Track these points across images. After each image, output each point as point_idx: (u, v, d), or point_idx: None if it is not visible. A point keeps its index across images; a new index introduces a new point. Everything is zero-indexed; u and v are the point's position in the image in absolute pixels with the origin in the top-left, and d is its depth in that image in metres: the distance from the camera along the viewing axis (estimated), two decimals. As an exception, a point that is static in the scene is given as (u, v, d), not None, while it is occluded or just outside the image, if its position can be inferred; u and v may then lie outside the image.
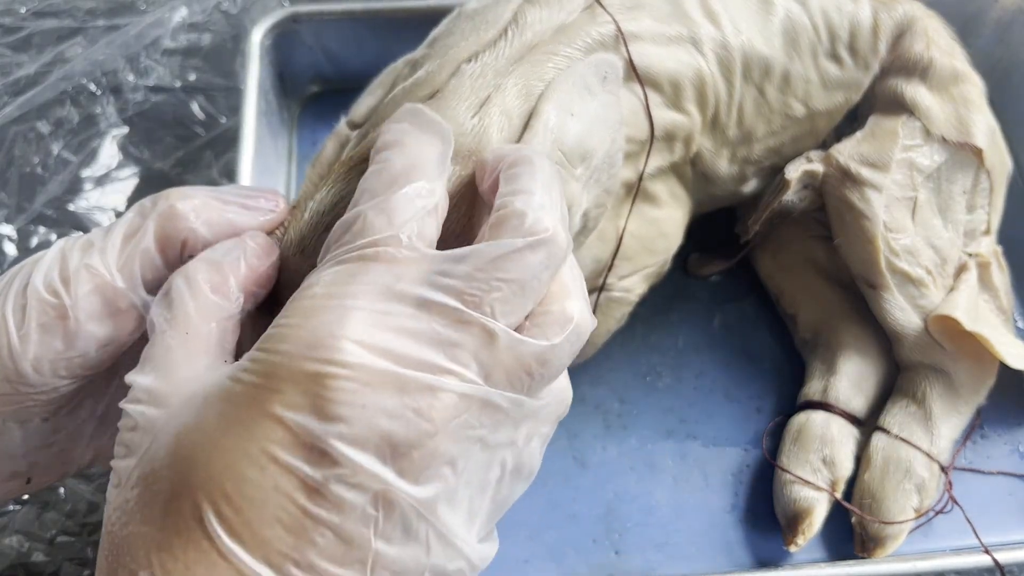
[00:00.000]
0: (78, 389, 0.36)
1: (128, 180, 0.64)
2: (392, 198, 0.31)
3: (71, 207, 0.63)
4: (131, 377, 0.31)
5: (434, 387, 0.27)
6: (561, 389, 0.32)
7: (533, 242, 0.30)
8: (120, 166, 0.65)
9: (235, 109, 0.66)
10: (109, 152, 0.65)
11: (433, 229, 0.32)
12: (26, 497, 0.51)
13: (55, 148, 0.65)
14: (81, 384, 0.36)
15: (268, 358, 0.28)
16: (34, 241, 0.61)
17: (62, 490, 0.51)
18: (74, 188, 0.63)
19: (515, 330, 0.29)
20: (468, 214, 0.38)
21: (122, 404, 0.31)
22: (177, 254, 0.35)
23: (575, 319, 0.31)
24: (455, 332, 0.28)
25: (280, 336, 0.28)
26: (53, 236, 0.61)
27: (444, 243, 0.37)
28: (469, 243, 0.37)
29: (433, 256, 0.30)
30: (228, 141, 0.65)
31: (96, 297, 0.34)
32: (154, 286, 0.35)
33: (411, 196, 0.31)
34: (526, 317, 0.30)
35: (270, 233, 0.37)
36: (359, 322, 0.28)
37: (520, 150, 0.34)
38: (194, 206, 0.35)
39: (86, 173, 0.64)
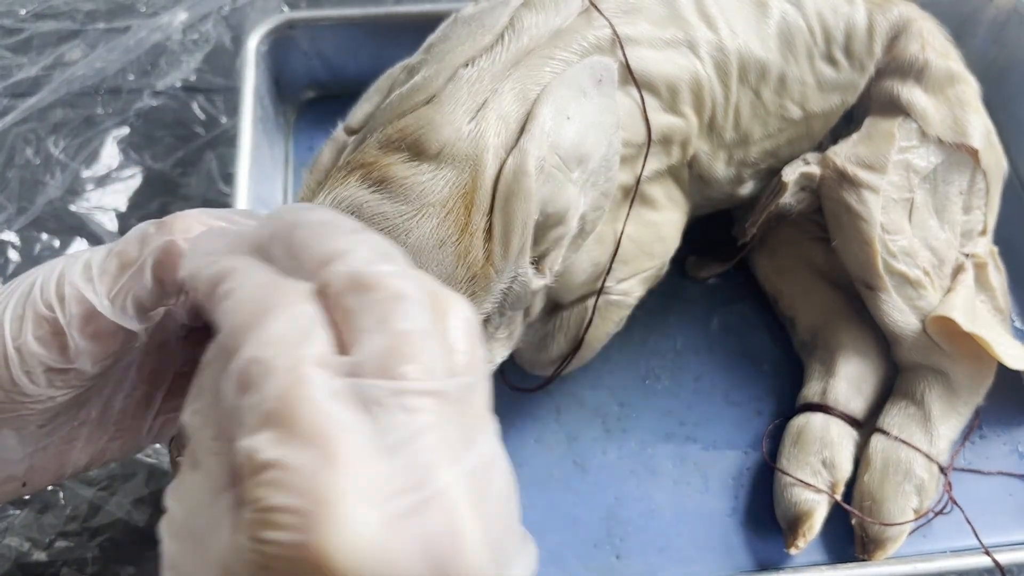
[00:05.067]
0: (75, 396, 0.37)
1: (129, 180, 0.64)
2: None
3: (72, 208, 0.63)
4: (166, 502, 0.29)
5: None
6: None
7: None
8: (121, 167, 0.65)
9: (235, 109, 0.66)
10: (110, 153, 0.65)
11: None
12: (26, 497, 0.51)
13: (55, 149, 0.65)
14: (78, 392, 0.36)
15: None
16: (37, 248, 0.61)
17: (61, 493, 0.51)
18: (75, 189, 0.63)
19: None
20: (465, 218, 0.38)
21: (161, 533, 0.28)
22: (176, 287, 0.35)
23: None
24: None
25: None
26: (56, 243, 0.61)
27: (441, 249, 0.37)
28: (465, 247, 0.37)
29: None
30: (228, 140, 0.65)
31: (87, 322, 0.34)
32: (152, 308, 0.36)
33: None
34: None
35: None
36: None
37: None
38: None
39: (87, 174, 0.64)
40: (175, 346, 0.42)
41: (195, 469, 0.27)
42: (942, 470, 0.50)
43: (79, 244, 0.61)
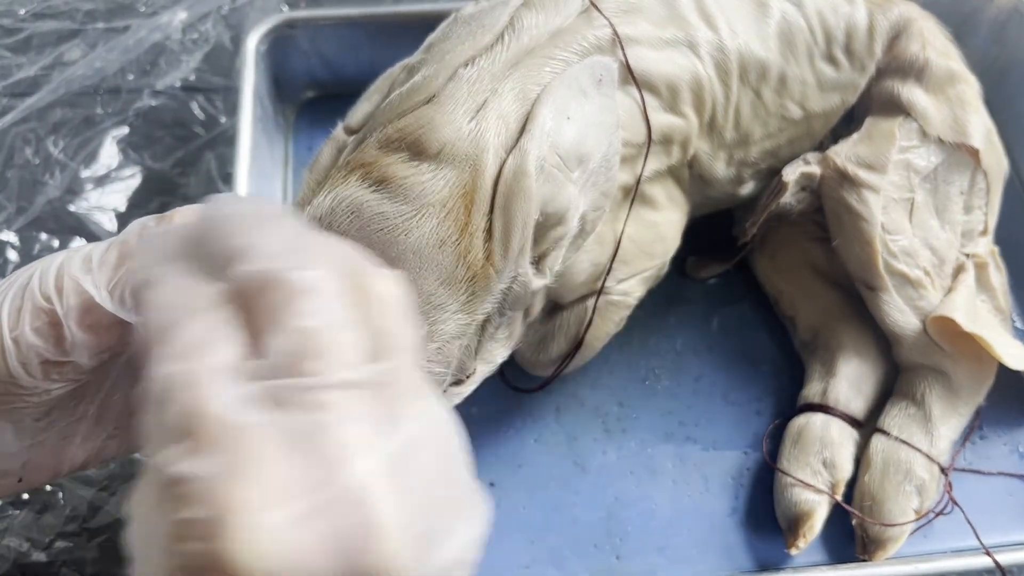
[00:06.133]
0: (72, 391, 0.36)
1: (128, 180, 0.64)
2: None
3: (71, 208, 0.63)
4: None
5: None
6: None
7: None
8: (120, 167, 0.65)
9: (234, 109, 0.66)
10: (109, 153, 0.65)
11: None
12: (25, 497, 0.51)
13: (55, 149, 0.65)
14: (74, 387, 0.36)
15: None
16: (36, 248, 0.61)
17: (61, 494, 0.51)
18: (74, 189, 0.63)
19: None
20: (465, 218, 0.38)
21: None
22: None
23: None
24: None
25: None
26: (55, 243, 0.61)
27: (441, 249, 0.37)
28: (465, 247, 0.37)
29: None
30: (228, 140, 0.65)
31: (85, 314, 0.34)
32: None
33: None
34: None
35: None
36: None
37: None
38: None
39: (86, 174, 0.64)
40: (174, 344, 0.42)
41: (143, 479, 0.27)
42: (943, 470, 0.50)
43: (78, 244, 0.61)
